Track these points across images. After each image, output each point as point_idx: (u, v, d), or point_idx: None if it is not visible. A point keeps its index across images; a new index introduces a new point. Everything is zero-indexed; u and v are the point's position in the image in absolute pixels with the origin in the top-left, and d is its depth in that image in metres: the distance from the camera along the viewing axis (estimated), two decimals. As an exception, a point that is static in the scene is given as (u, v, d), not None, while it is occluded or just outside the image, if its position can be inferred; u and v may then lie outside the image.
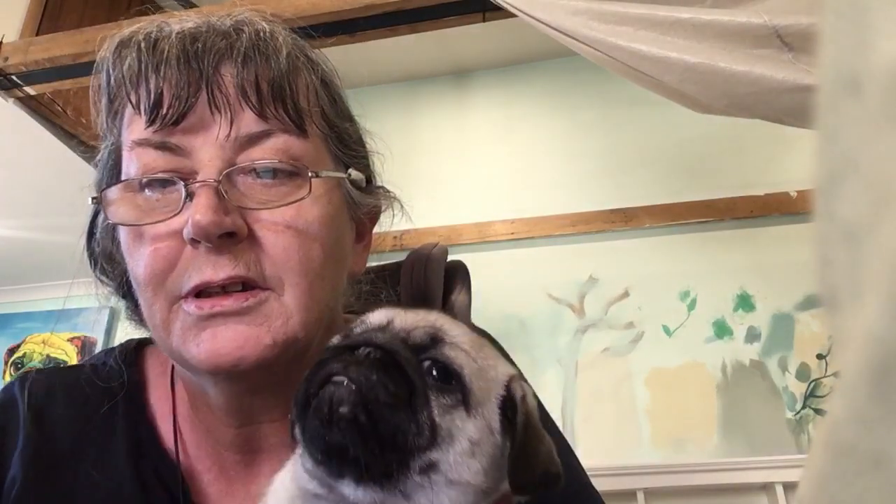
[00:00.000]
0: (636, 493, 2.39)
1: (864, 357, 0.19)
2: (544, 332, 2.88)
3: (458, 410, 0.44)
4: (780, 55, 1.32)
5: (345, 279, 0.71)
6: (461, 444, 0.43)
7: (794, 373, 2.63)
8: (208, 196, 0.56)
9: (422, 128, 3.38)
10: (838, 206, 0.22)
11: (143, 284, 0.60)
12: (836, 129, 0.23)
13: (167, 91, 0.59)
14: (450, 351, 0.46)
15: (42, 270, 3.37)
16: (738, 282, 2.81)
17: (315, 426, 0.42)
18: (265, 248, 0.59)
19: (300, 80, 0.64)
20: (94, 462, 0.65)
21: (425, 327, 0.47)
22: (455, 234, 3.04)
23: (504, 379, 0.48)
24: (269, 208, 0.59)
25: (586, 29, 1.48)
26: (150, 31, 0.62)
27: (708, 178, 3.02)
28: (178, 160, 0.59)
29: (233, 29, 0.63)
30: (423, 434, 0.42)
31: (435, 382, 0.44)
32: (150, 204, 0.60)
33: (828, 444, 0.21)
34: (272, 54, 0.62)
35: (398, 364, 0.43)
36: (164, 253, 0.58)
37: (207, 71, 0.59)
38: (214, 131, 0.59)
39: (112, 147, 0.65)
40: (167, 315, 0.59)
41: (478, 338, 0.49)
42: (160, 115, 0.58)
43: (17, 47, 2.10)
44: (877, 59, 0.21)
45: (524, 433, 0.45)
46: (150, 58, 0.60)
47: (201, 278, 0.57)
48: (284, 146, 0.61)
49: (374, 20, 1.79)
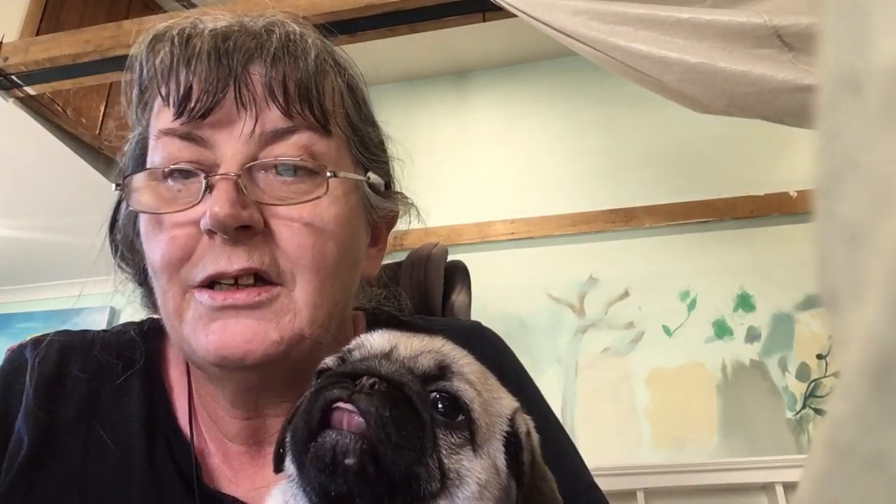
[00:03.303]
0: (636, 493, 2.39)
1: (864, 357, 0.19)
2: (544, 332, 2.88)
3: (465, 450, 0.41)
4: (780, 55, 1.32)
5: (357, 281, 0.71)
6: (470, 488, 0.40)
7: (794, 373, 2.63)
8: (227, 189, 0.57)
9: (422, 128, 3.38)
10: (838, 206, 0.22)
11: (159, 271, 0.61)
12: (836, 129, 0.23)
13: (196, 85, 0.60)
14: (458, 382, 0.42)
15: (42, 270, 3.37)
16: (738, 282, 2.81)
17: (315, 474, 0.39)
18: (279, 244, 0.60)
19: (327, 82, 0.65)
20: (106, 424, 0.65)
21: (432, 354, 0.44)
22: (455, 234, 3.04)
23: (508, 413, 0.45)
24: (287, 204, 0.60)
25: (586, 29, 1.48)
26: (183, 27, 0.63)
27: (708, 178, 3.02)
28: (201, 152, 0.60)
29: (264, 29, 0.64)
30: (433, 480, 0.38)
31: (442, 418, 0.41)
32: (172, 194, 0.61)
33: (828, 444, 0.21)
34: (301, 55, 0.63)
35: (407, 399, 0.39)
36: (181, 242, 0.59)
37: (236, 68, 0.60)
38: (239, 127, 0.60)
39: (139, 137, 0.67)
40: (180, 303, 0.60)
41: (483, 368, 0.47)
42: (188, 107, 0.59)
43: (17, 47, 2.10)
44: (877, 59, 0.21)
45: (531, 473, 0.42)
46: (182, 52, 0.61)
47: (216, 268, 0.58)
48: (307, 143, 0.62)
49: (374, 20, 1.79)
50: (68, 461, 0.63)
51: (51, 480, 0.62)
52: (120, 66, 2.22)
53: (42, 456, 0.62)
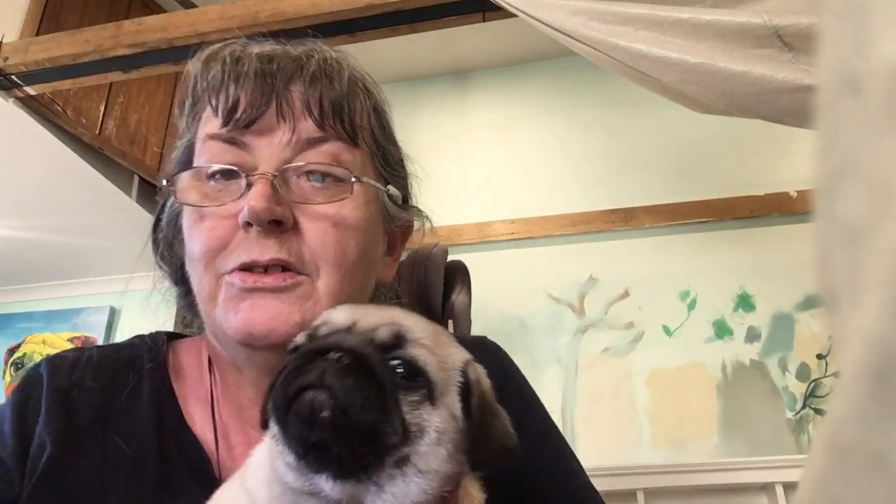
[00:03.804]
0: (636, 493, 2.39)
1: (864, 357, 0.19)
2: (544, 332, 2.89)
3: (424, 406, 0.47)
4: (780, 55, 1.32)
5: (373, 283, 0.77)
6: (429, 436, 0.46)
7: (794, 373, 2.63)
8: (264, 186, 0.65)
9: (422, 128, 3.38)
10: (838, 206, 0.22)
11: (197, 259, 0.68)
12: (836, 129, 0.23)
13: (243, 99, 0.69)
14: (413, 349, 0.48)
15: (42, 270, 3.37)
16: (738, 282, 2.81)
17: (296, 428, 0.45)
18: (306, 239, 0.67)
19: (357, 101, 0.74)
20: (119, 429, 0.70)
21: (389, 325, 0.50)
22: (455, 234, 3.04)
23: (460, 365, 0.51)
24: (314, 204, 0.68)
25: (586, 29, 1.48)
26: (234, 49, 0.73)
27: (708, 178, 3.02)
28: (242, 155, 0.69)
29: (304, 54, 0.73)
30: (396, 432, 0.45)
31: (402, 381, 0.47)
32: (214, 192, 0.69)
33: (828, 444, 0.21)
34: (335, 77, 0.72)
35: (369, 368, 0.46)
36: (219, 233, 0.67)
37: (279, 86, 0.69)
38: (278, 136, 0.69)
39: (187, 143, 0.75)
40: (214, 287, 0.67)
41: (434, 328, 0.53)
42: (234, 118, 0.68)
43: (17, 47, 2.10)
44: (877, 60, 0.21)
45: (480, 413, 0.49)
46: (232, 70, 0.70)
47: (249, 256, 0.65)
48: (336, 151, 0.70)
49: (374, 20, 1.79)
50: (88, 463, 0.67)
51: (74, 481, 0.66)
52: (120, 66, 2.21)
53: (65, 457, 0.67)
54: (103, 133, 2.59)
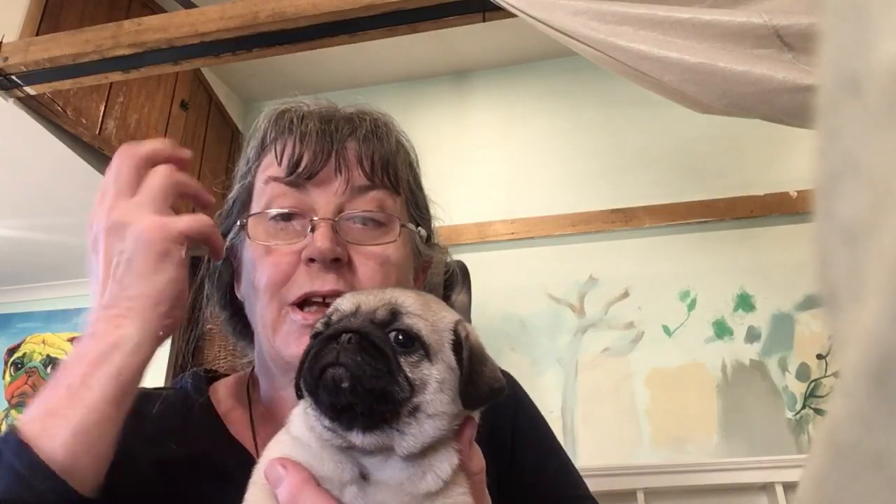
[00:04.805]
0: (636, 493, 2.39)
1: (864, 357, 0.19)
2: (544, 332, 2.89)
3: (423, 363, 0.57)
4: (780, 55, 1.32)
5: None
6: (432, 386, 0.56)
7: (794, 373, 2.63)
8: (328, 229, 0.77)
9: (422, 128, 3.37)
10: (838, 206, 0.22)
11: (262, 290, 0.78)
12: (836, 129, 0.23)
13: (306, 156, 0.80)
14: (407, 320, 0.58)
15: (42, 270, 3.37)
16: (738, 282, 2.81)
17: (326, 398, 0.56)
18: (358, 274, 0.78)
19: (399, 157, 0.87)
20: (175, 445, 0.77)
21: (385, 305, 0.59)
22: (455, 234, 3.04)
23: (451, 325, 0.61)
24: (365, 245, 0.80)
25: (586, 29, 1.48)
26: (299, 107, 0.86)
27: (708, 178, 3.02)
28: (301, 199, 0.80)
29: (356, 115, 0.86)
30: (404, 389, 0.55)
31: (402, 348, 0.57)
32: (275, 230, 0.81)
33: (828, 444, 0.21)
34: (384, 137, 0.85)
35: (373, 342, 0.56)
36: (283, 268, 0.78)
37: (337, 145, 0.81)
38: (334, 185, 0.80)
39: (246, 185, 0.86)
40: (276, 317, 0.78)
41: (425, 299, 0.62)
42: (297, 171, 0.80)
43: (17, 47, 2.10)
44: (877, 60, 0.21)
45: (469, 361, 0.59)
46: (297, 127, 0.83)
47: (311, 288, 0.76)
48: (381, 198, 0.82)
49: (374, 20, 1.79)
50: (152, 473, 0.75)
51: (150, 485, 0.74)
52: (120, 66, 2.21)
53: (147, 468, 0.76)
54: (103, 133, 2.59)
